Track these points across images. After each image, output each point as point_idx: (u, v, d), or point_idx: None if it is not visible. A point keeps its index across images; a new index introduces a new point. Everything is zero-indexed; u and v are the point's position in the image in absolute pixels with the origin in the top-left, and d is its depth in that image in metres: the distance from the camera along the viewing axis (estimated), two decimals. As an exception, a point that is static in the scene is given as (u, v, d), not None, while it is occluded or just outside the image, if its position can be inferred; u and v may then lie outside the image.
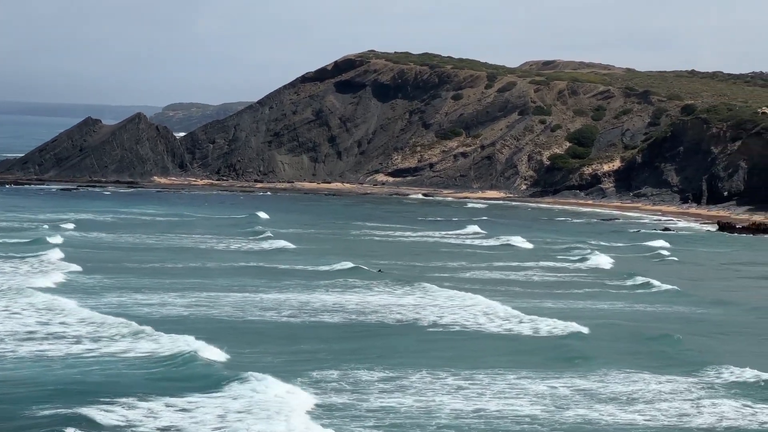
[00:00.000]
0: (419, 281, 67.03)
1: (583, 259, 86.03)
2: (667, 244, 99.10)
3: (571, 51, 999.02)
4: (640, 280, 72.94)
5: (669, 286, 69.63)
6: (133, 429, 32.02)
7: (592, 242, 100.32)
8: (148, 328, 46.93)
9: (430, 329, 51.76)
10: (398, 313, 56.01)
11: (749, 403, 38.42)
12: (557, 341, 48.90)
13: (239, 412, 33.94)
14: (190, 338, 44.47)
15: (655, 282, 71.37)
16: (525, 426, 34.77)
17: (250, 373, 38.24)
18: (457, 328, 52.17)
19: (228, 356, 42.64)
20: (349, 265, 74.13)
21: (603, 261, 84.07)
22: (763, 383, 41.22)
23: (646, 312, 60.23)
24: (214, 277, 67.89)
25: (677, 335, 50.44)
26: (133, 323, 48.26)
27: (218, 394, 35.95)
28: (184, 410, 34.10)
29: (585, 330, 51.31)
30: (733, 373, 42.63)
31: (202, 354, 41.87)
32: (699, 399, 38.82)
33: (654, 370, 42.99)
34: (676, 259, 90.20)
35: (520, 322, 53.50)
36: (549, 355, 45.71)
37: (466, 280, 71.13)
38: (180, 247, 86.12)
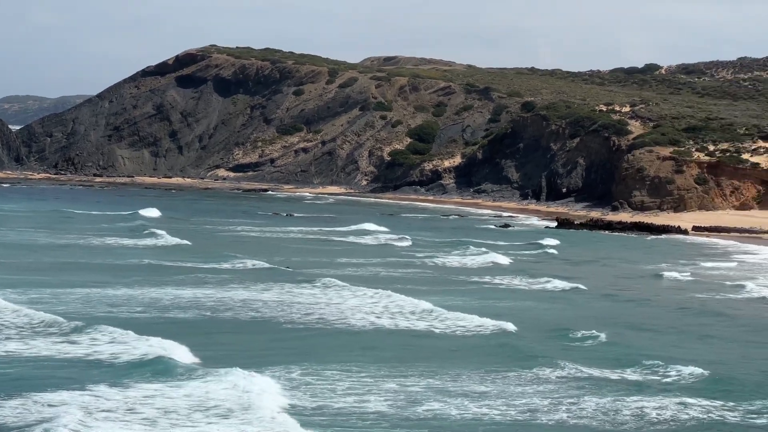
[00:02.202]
0: (322, 278, 66.47)
1: (468, 256, 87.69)
2: (555, 242, 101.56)
3: (412, 47, 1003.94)
4: (539, 277, 73.57)
5: (569, 284, 70.51)
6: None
7: (477, 240, 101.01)
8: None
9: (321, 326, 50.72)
10: (320, 311, 54.88)
11: (622, 397, 36.62)
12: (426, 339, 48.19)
13: (108, 411, 32.67)
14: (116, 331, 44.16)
15: (555, 279, 72.17)
16: (370, 422, 33.31)
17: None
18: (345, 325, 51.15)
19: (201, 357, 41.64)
20: (256, 263, 74.33)
21: (492, 258, 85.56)
22: (647, 377, 40.29)
23: (540, 309, 60.00)
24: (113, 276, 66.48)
25: (576, 332, 50.03)
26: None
27: (80, 392, 34.44)
28: (50, 406, 32.78)
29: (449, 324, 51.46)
30: (620, 370, 41.47)
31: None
32: (561, 397, 36.81)
33: (528, 366, 41.66)
34: (564, 257, 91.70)
35: (423, 319, 53.02)
36: (401, 349, 44.85)
37: (373, 279, 71.59)
38: (66, 244, 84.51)
